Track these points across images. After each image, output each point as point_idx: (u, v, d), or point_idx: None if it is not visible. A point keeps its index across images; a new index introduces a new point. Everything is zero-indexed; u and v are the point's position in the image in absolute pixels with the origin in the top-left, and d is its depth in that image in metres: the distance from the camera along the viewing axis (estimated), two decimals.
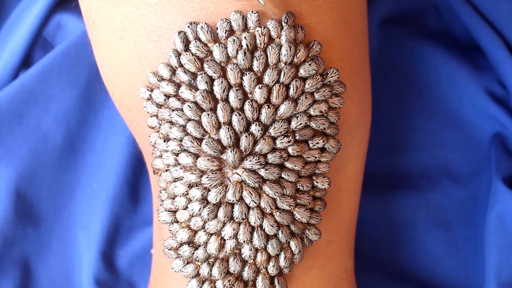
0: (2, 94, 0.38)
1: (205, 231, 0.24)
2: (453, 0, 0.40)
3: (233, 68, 0.23)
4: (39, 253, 0.39)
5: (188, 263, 0.25)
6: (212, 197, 0.24)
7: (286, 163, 0.24)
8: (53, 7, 0.41)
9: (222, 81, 0.23)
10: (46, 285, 0.38)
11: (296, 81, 0.24)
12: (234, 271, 0.25)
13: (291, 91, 0.24)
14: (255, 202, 0.24)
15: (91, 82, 0.40)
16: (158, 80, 0.25)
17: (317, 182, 0.25)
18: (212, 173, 0.23)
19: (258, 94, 0.23)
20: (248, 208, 0.24)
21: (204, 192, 0.24)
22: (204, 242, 0.25)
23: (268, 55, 0.23)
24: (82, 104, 0.40)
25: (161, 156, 0.25)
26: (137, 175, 0.40)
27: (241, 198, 0.24)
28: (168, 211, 0.25)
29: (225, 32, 0.23)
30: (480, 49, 0.41)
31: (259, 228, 0.24)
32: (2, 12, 0.43)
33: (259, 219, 0.24)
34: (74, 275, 0.39)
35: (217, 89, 0.23)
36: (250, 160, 0.23)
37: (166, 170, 0.25)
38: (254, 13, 0.23)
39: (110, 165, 0.40)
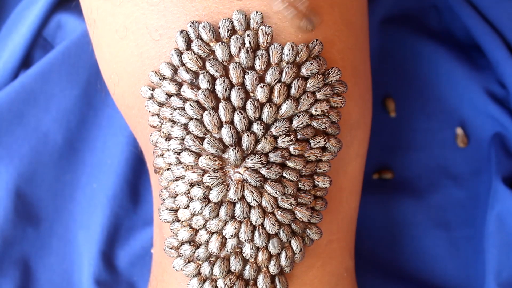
0: (2, 94, 0.38)
1: (206, 230, 0.24)
2: (453, 0, 0.40)
3: (235, 67, 0.23)
4: (39, 253, 0.39)
5: (189, 262, 0.25)
6: (214, 196, 0.24)
7: (287, 162, 0.24)
8: (53, 7, 0.40)
9: (224, 80, 0.23)
10: (46, 285, 0.38)
11: (297, 80, 0.24)
12: (235, 270, 0.25)
13: (293, 90, 0.24)
14: (256, 201, 0.24)
15: (91, 82, 0.39)
16: (160, 79, 0.25)
17: (318, 181, 0.25)
18: (214, 172, 0.23)
19: (260, 93, 0.23)
20: (250, 207, 0.24)
21: (205, 191, 0.24)
22: (205, 241, 0.24)
23: (270, 54, 0.23)
24: (82, 104, 0.40)
25: (162, 155, 0.25)
26: (137, 175, 0.40)
27: (242, 197, 0.24)
28: (169, 210, 0.25)
29: (227, 32, 0.23)
30: (480, 49, 0.41)
31: (260, 227, 0.24)
32: (2, 12, 0.43)
33: (260, 218, 0.24)
34: (74, 275, 0.39)
35: (219, 88, 0.23)
36: (252, 159, 0.23)
37: (168, 169, 0.25)
38: (259, 14, 0.23)
39: (110, 165, 0.40)
